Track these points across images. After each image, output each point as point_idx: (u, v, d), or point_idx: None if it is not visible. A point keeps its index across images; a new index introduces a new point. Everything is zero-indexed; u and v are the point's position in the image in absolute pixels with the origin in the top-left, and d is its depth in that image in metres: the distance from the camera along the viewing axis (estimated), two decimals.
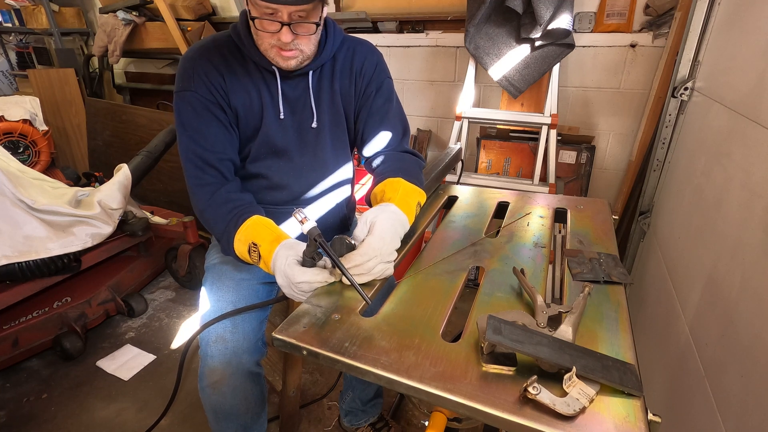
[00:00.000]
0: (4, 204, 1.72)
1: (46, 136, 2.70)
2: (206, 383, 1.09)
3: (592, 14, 2.16)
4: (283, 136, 1.11)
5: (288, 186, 1.16)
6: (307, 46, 1.00)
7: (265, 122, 1.08)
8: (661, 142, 1.74)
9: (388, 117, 1.15)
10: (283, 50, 0.97)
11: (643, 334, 1.61)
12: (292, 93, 1.09)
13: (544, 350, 0.64)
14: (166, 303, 2.40)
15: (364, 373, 0.67)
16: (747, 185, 1.00)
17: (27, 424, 1.66)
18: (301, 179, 1.16)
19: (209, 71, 1.02)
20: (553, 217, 1.25)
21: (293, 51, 0.98)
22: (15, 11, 3.88)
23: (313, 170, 1.17)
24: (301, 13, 0.92)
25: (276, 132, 1.10)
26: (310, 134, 1.13)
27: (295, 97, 1.10)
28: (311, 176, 1.17)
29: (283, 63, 1.00)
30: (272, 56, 1.00)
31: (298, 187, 1.17)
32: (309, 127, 1.12)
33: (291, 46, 0.96)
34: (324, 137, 1.14)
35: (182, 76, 1.03)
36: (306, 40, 0.98)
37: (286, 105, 1.09)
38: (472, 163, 2.52)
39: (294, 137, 1.12)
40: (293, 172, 1.15)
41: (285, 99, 1.09)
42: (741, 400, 0.85)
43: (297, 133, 1.12)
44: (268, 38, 0.96)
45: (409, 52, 2.63)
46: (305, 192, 1.18)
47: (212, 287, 1.16)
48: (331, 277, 0.86)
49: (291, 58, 0.99)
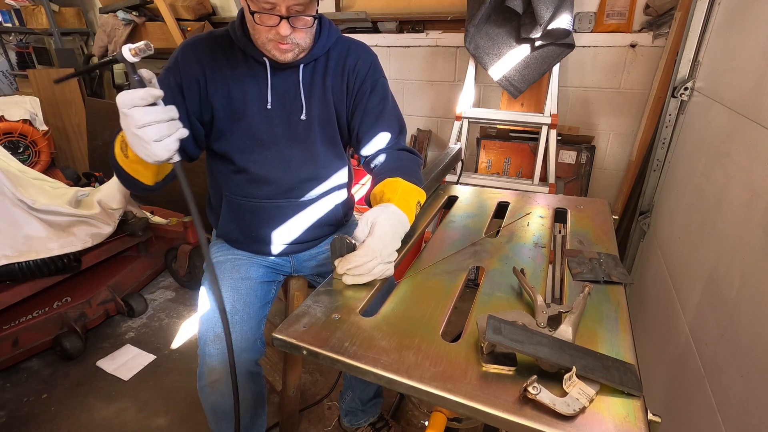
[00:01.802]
0: (4, 204, 1.72)
1: (46, 136, 2.70)
2: (205, 382, 1.09)
3: (592, 14, 2.16)
4: (269, 127, 1.11)
5: (276, 179, 1.15)
6: (304, 40, 1.01)
7: (249, 114, 1.09)
8: (661, 142, 1.74)
9: (384, 116, 1.16)
10: (281, 44, 0.98)
11: (643, 334, 1.61)
12: (282, 85, 1.10)
13: (544, 350, 0.64)
14: (166, 303, 2.40)
15: (364, 373, 0.68)
16: (747, 185, 1.00)
17: (27, 424, 1.66)
18: (290, 172, 1.16)
19: (191, 62, 1.06)
20: (553, 217, 1.25)
21: (291, 44, 0.99)
22: (15, 11, 3.88)
23: (304, 163, 1.16)
24: (298, 6, 0.93)
25: (261, 123, 1.10)
26: (300, 126, 1.13)
27: (285, 89, 1.11)
28: (302, 170, 1.17)
29: (280, 56, 1.01)
30: (269, 50, 1.01)
31: (287, 180, 1.16)
32: (298, 119, 1.12)
33: (289, 40, 0.98)
34: (314, 131, 1.15)
35: (169, 59, 1.08)
36: (303, 33, 1.00)
37: (276, 96, 1.10)
38: (472, 163, 2.52)
39: (282, 128, 1.13)
40: (281, 164, 1.15)
41: (274, 90, 1.10)
42: (741, 400, 0.85)
43: (285, 125, 1.13)
44: (265, 32, 0.97)
45: (409, 52, 2.63)
46: (296, 186, 1.17)
47: (211, 287, 1.16)
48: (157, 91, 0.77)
49: (288, 51, 1.01)
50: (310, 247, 1.29)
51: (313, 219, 1.23)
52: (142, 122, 0.76)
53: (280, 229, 1.21)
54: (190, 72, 1.05)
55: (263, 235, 1.21)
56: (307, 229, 1.23)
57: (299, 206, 1.20)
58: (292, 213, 1.20)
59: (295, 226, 1.22)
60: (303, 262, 1.30)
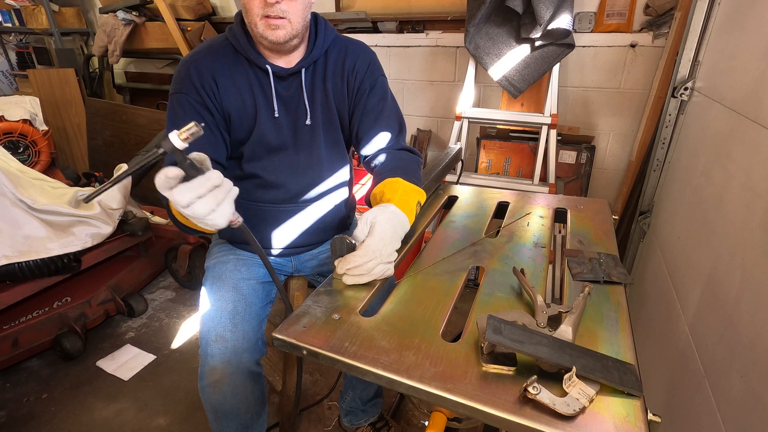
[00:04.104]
0: (4, 204, 1.72)
1: (46, 136, 2.70)
2: (206, 382, 1.09)
3: (592, 14, 2.16)
4: (278, 134, 1.12)
5: (285, 184, 1.16)
6: (294, 14, 0.99)
7: (260, 122, 1.09)
8: (661, 142, 1.74)
9: (383, 115, 1.16)
10: (271, 18, 0.97)
11: (643, 334, 1.61)
12: (285, 92, 1.11)
13: (544, 350, 0.64)
14: (166, 303, 2.40)
15: (364, 372, 0.68)
16: (747, 185, 1.00)
17: (27, 424, 1.66)
18: (298, 177, 1.17)
19: (201, 75, 1.04)
20: (553, 217, 1.25)
21: (281, 19, 0.98)
22: (15, 11, 3.87)
23: (310, 168, 1.17)
24: None
25: (271, 130, 1.11)
26: (305, 131, 1.14)
27: (289, 96, 1.11)
28: (308, 174, 1.18)
29: (271, 35, 0.99)
30: (261, 30, 0.99)
31: (295, 185, 1.17)
32: (303, 124, 1.13)
33: (278, 11, 0.96)
34: (318, 135, 1.15)
35: (176, 80, 1.06)
36: (293, 5, 0.98)
37: (281, 104, 1.10)
38: (472, 163, 2.52)
39: (289, 135, 1.13)
40: (289, 170, 1.15)
41: (279, 98, 1.10)
42: (741, 400, 0.85)
43: (292, 131, 1.13)
44: (256, 8, 0.96)
45: (409, 52, 2.63)
46: (302, 190, 1.18)
47: (212, 287, 1.16)
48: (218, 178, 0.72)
49: (279, 28, 0.98)
50: (312, 248, 1.29)
51: (315, 222, 1.24)
52: (186, 202, 0.70)
53: (285, 232, 1.22)
54: (206, 85, 1.05)
55: (268, 237, 1.21)
56: (310, 231, 1.24)
57: (303, 208, 1.21)
58: (295, 217, 1.21)
59: (299, 228, 1.22)
60: (304, 262, 1.31)
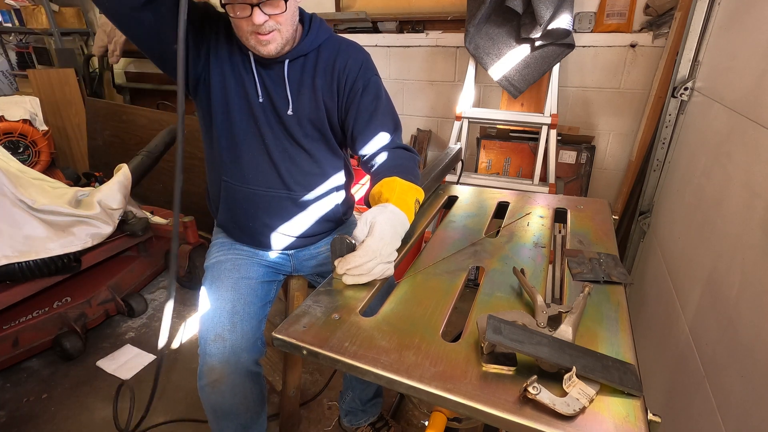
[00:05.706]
0: (4, 204, 1.72)
1: (46, 136, 2.70)
2: (205, 382, 1.09)
3: (592, 14, 2.16)
4: (261, 116, 1.12)
5: (268, 168, 1.16)
6: (284, 27, 1.00)
7: (245, 100, 1.11)
8: (661, 142, 1.74)
9: (377, 114, 1.15)
10: (260, 34, 0.98)
11: (643, 334, 1.61)
12: (268, 80, 1.11)
13: (544, 350, 0.64)
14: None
15: (364, 372, 0.67)
16: (747, 185, 1.00)
17: (27, 424, 1.66)
18: (282, 164, 1.16)
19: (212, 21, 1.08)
20: (553, 217, 1.25)
21: (270, 34, 0.98)
22: (15, 11, 3.87)
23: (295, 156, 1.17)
24: None
25: (255, 112, 1.11)
26: (288, 121, 1.14)
27: (271, 84, 1.11)
28: (293, 163, 1.17)
29: (263, 50, 1.00)
30: (252, 45, 1.00)
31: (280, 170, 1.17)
32: (285, 113, 1.13)
33: (266, 28, 0.97)
34: (303, 127, 1.15)
35: None
36: (281, 19, 0.98)
37: (264, 90, 1.11)
38: (472, 163, 2.52)
39: (274, 120, 1.13)
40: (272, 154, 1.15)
41: (262, 84, 1.11)
42: (741, 400, 0.85)
43: (275, 118, 1.13)
44: (244, 25, 0.97)
45: (409, 52, 2.63)
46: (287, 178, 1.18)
47: (211, 287, 1.16)
48: None
49: (270, 42, 0.99)
50: (309, 244, 1.29)
51: (310, 215, 1.23)
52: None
53: (277, 222, 1.21)
54: (208, 29, 1.07)
55: (259, 225, 1.21)
56: (304, 225, 1.24)
57: (294, 200, 1.20)
58: (288, 207, 1.20)
59: (292, 220, 1.22)
60: (303, 262, 1.31)
